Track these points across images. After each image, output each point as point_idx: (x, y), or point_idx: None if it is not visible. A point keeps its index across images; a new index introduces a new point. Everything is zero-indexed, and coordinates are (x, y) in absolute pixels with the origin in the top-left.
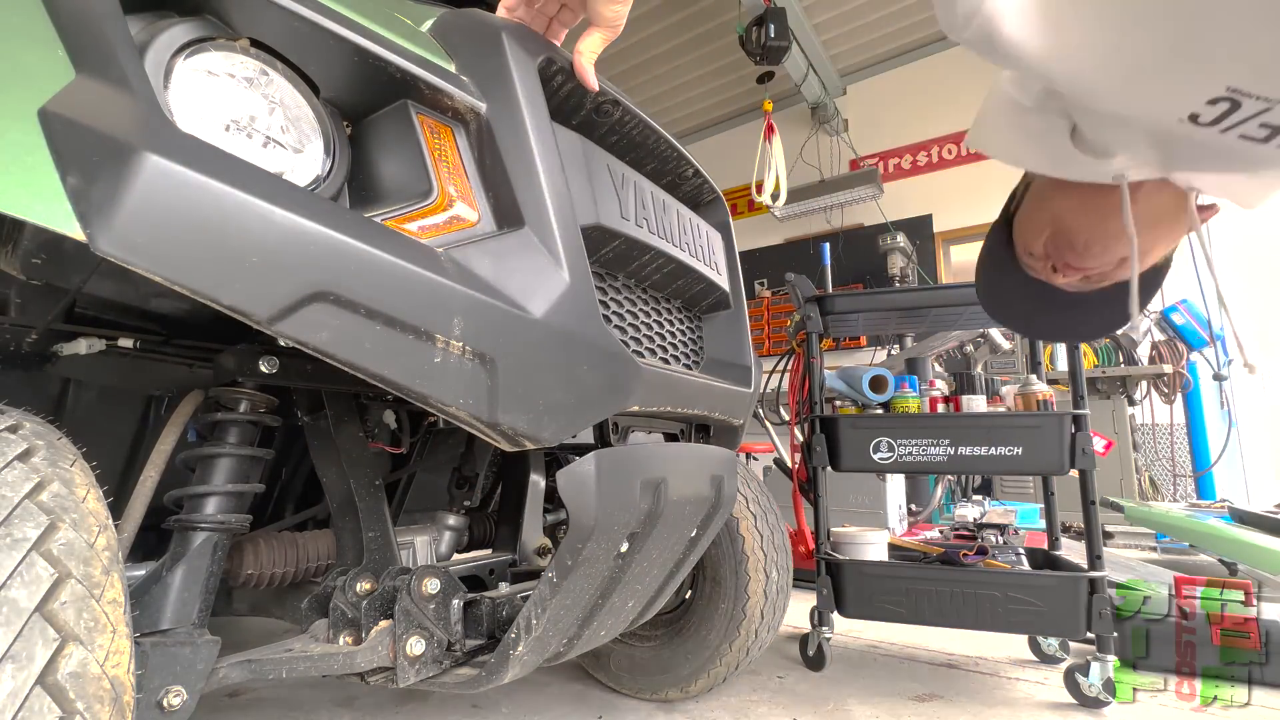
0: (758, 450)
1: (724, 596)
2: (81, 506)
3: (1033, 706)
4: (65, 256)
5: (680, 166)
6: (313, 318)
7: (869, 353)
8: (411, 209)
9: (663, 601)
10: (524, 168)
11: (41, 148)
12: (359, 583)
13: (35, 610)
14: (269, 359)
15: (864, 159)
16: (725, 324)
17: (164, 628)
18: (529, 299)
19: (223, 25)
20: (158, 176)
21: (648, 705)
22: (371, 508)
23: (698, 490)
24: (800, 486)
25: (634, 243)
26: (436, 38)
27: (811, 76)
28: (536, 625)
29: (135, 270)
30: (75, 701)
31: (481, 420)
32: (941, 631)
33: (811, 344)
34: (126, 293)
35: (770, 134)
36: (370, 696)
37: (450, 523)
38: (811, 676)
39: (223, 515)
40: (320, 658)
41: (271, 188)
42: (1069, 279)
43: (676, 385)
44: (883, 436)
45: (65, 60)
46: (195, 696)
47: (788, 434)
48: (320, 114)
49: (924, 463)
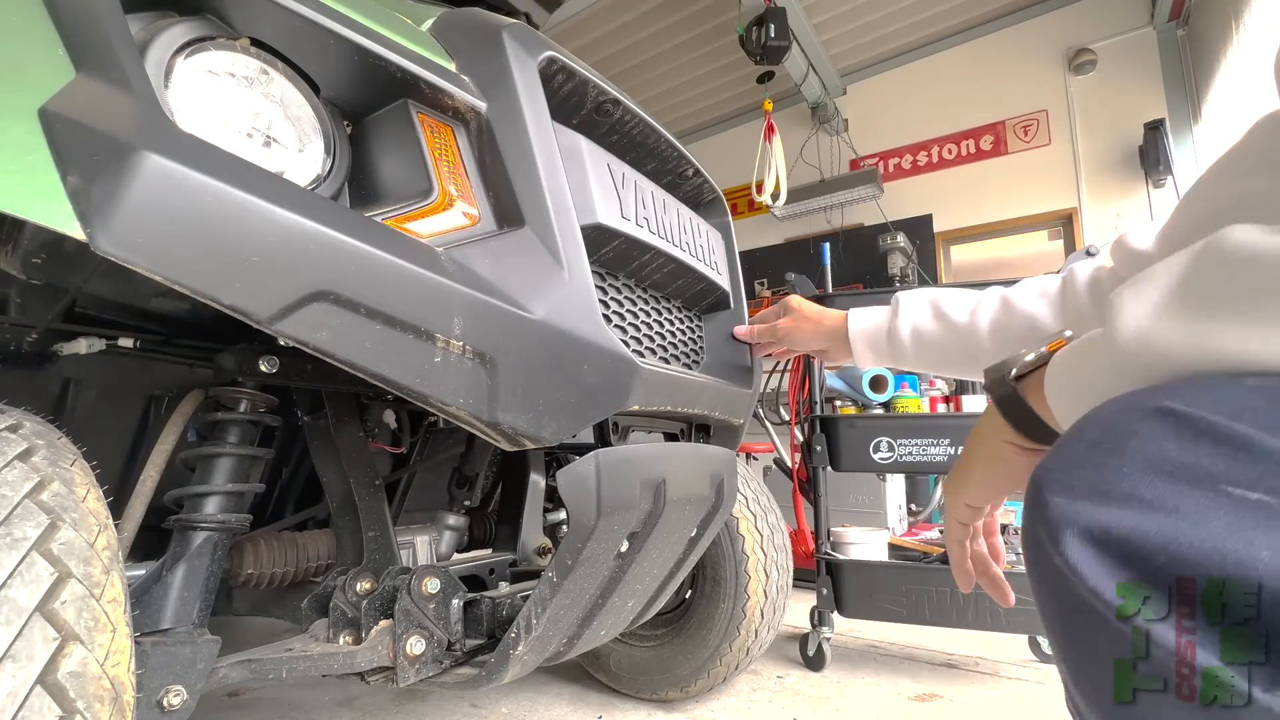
0: (758, 450)
1: (724, 596)
2: (81, 506)
3: (1032, 706)
4: (65, 256)
5: (680, 166)
6: (313, 317)
7: None
8: (412, 208)
9: (663, 601)
10: (524, 167)
11: (41, 147)
12: (359, 582)
13: (35, 609)
14: (269, 359)
15: (864, 159)
16: (725, 324)
17: (164, 627)
18: (529, 298)
19: (223, 25)
20: (158, 176)
21: (648, 705)
22: (371, 507)
23: (698, 490)
24: (800, 486)
25: (634, 242)
26: (437, 37)
27: (811, 76)
28: (536, 625)
29: (135, 270)
30: (75, 701)
31: (482, 420)
32: (941, 631)
33: None
34: (126, 292)
35: (770, 134)
36: (370, 696)
37: (450, 522)
38: (811, 676)
39: (223, 515)
40: (320, 657)
41: (272, 187)
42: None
43: (676, 385)
44: (883, 436)
45: (65, 59)
46: (195, 696)
47: (788, 434)
48: (320, 113)
49: (924, 463)
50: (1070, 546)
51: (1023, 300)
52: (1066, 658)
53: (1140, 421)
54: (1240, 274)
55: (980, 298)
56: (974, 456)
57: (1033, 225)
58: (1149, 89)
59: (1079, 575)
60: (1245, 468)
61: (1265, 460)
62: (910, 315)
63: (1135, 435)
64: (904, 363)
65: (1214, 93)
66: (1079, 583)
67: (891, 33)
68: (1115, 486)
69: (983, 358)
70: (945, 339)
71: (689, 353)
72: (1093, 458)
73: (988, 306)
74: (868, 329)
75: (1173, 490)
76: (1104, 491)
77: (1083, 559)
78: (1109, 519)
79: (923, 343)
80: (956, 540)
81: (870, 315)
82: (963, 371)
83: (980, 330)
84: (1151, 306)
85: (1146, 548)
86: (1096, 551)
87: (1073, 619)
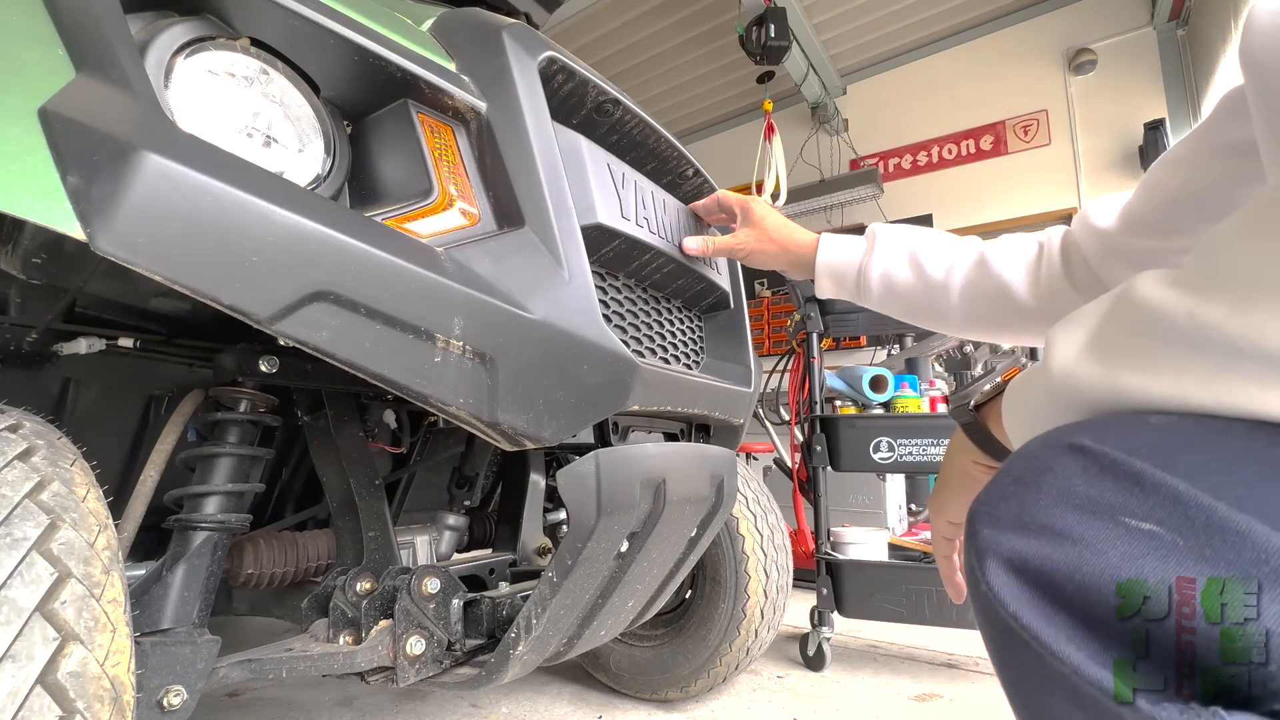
0: (758, 450)
1: (724, 596)
2: (81, 506)
3: None
4: (65, 256)
5: (680, 166)
6: (313, 317)
7: (869, 353)
8: (412, 208)
9: (663, 601)
10: (524, 167)
11: (41, 147)
12: (359, 582)
13: (35, 609)
14: (269, 358)
15: (864, 159)
16: (725, 323)
17: (164, 627)
18: (529, 298)
19: (223, 25)
20: (158, 176)
21: (648, 705)
22: (371, 507)
23: (698, 490)
24: (800, 486)
25: (634, 242)
26: (437, 37)
27: (811, 76)
28: (536, 625)
29: (135, 270)
30: (75, 701)
31: (482, 420)
32: (941, 631)
33: (811, 344)
34: (126, 292)
35: (770, 134)
36: (370, 696)
37: (450, 522)
38: (811, 676)
39: (223, 515)
40: (320, 657)
41: (272, 187)
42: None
43: (676, 385)
44: (883, 436)
45: (65, 59)
46: (195, 696)
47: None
48: (320, 113)
49: (924, 463)
50: (993, 574)
51: (999, 263)
52: (1002, 679)
53: (1055, 457)
54: (1141, 324)
55: (958, 252)
56: (948, 478)
57: (1033, 225)
58: (1149, 89)
59: (1001, 601)
60: (1140, 501)
61: (1156, 494)
62: (885, 259)
63: (1050, 470)
64: (866, 303)
65: (1214, 93)
66: (1002, 608)
67: (891, 33)
68: (1032, 518)
69: (948, 314)
70: (915, 292)
71: (689, 353)
72: (1015, 491)
73: (963, 264)
74: (836, 264)
75: (1079, 521)
76: (1023, 523)
77: (1004, 586)
78: (1025, 549)
79: (892, 290)
80: (944, 555)
81: (842, 249)
82: (923, 324)
83: (952, 289)
84: (1077, 347)
85: (1057, 576)
86: (1015, 579)
87: (1002, 642)
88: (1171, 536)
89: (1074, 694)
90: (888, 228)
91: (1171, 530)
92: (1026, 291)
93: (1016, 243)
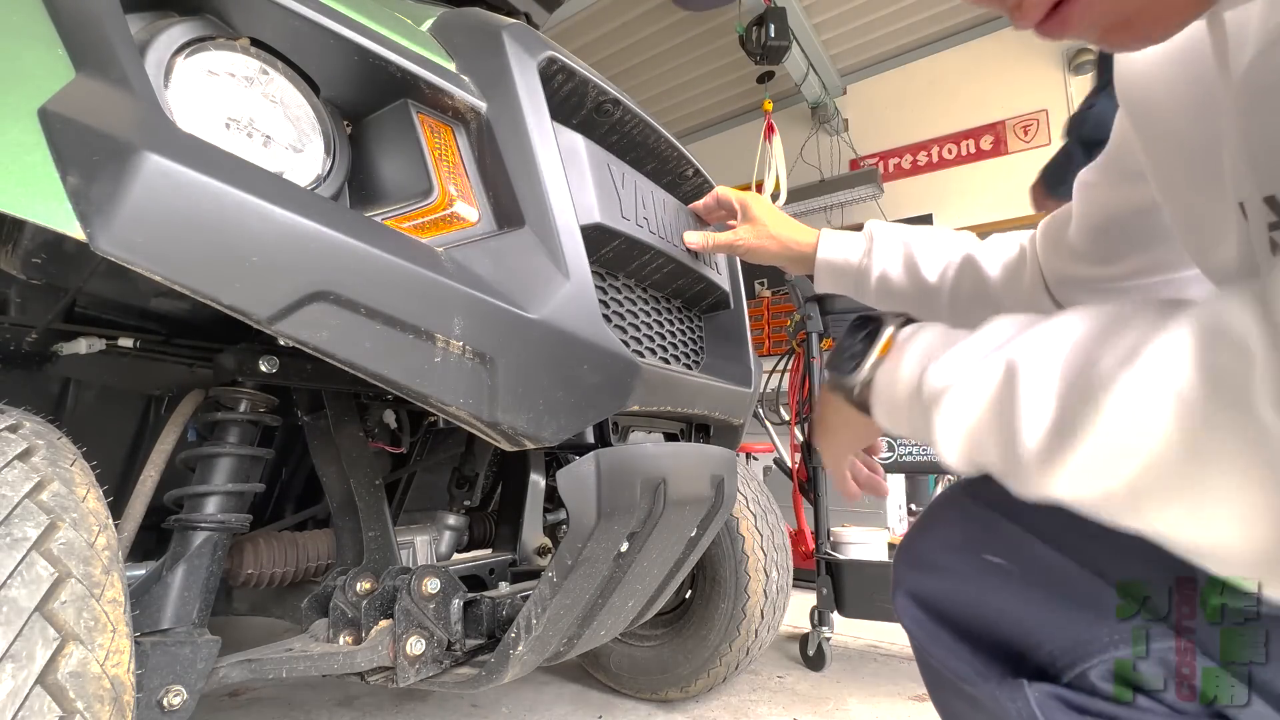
0: (758, 450)
1: (724, 596)
2: (81, 506)
3: None
4: (65, 256)
5: (680, 166)
6: (313, 317)
7: None
8: (412, 208)
9: (663, 601)
10: (524, 167)
11: (41, 147)
12: (359, 582)
13: (35, 610)
14: (269, 359)
15: (864, 159)
16: (725, 323)
17: (164, 627)
18: (529, 298)
19: (223, 24)
20: (158, 176)
21: (648, 705)
22: (371, 507)
23: (698, 490)
24: (800, 486)
25: (634, 242)
26: (437, 37)
27: (811, 76)
28: (536, 625)
29: (135, 270)
30: (75, 701)
31: (481, 420)
32: None
33: (811, 344)
34: (126, 292)
35: (770, 134)
36: (370, 696)
37: (450, 522)
38: (811, 676)
39: (223, 515)
40: (320, 657)
41: (272, 187)
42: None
43: (676, 385)
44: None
45: (65, 59)
46: (195, 696)
47: (788, 434)
48: (320, 113)
49: (924, 463)
50: (900, 603)
51: (985, 262)
52: (929, 695)
53: (947, 508)
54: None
55: (951, 255)
56: (832, 422)
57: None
58: None
59: (907, 627)
60: (995, 539)
61: (1007, 534)
62: (882, 260)
63: (941, 520)
64: (864, 300)
65: None
66: (908, 629)
67: (891, 33)
68: (924, 556)
69: (940, 315)
70: (909, 293)
71: (689, 353)
72: (919, 535)
73: (954, 265)
74: (836, 262)
75: (956, 560)
76: (920, 561)
77: (907, 613)
78: (919, 582)
79: (888, 291)
80: (838, 475)
81: (841, 247)
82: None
83: (943, 294)
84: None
85: (939, 604)
86: (915, 608)
87: (916, 657)
88: (1010, 566)
89: (960, 692)
90: (885, 227)
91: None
92: (1009, 293)
93: (1002, 244)
